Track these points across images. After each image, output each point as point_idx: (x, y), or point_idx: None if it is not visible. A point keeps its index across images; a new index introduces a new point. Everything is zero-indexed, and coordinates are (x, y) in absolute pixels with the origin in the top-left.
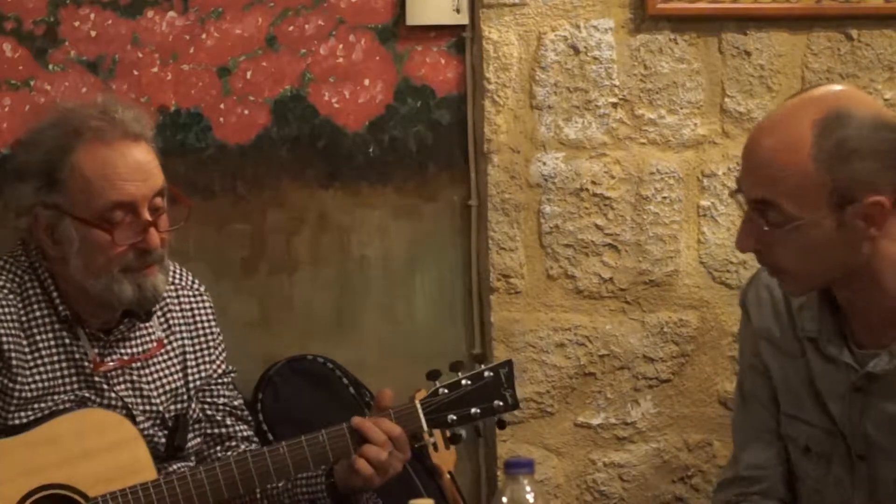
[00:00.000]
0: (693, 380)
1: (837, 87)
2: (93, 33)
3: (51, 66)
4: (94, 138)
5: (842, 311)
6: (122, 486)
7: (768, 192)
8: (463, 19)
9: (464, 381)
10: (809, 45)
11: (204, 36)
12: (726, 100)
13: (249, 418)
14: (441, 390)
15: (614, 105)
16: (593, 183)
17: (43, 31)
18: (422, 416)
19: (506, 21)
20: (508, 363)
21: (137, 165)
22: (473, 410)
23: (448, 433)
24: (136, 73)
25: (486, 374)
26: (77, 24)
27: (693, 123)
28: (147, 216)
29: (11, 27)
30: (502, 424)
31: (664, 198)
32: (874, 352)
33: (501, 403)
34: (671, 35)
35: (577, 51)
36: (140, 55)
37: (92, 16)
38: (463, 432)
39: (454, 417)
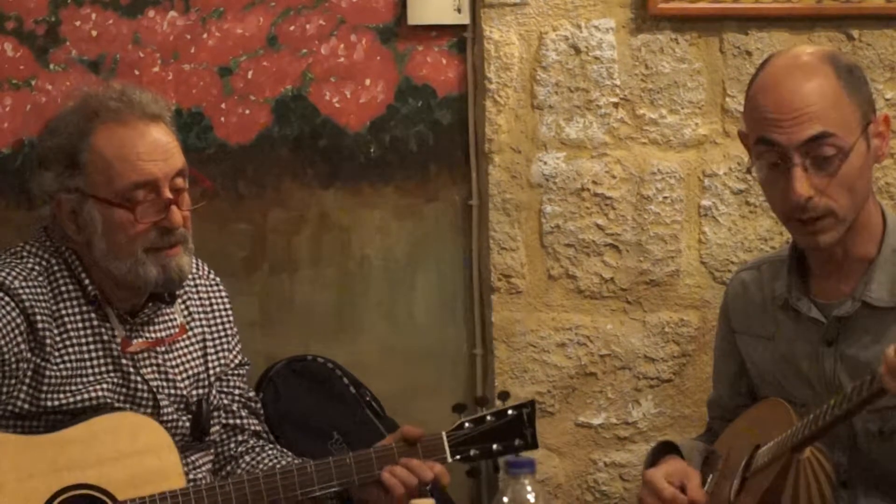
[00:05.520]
0: (694, 380)
1: (807, 45)
2: (94, 33)
3: (52, 66)
4: (112, 120)
5: (809, 272)
6: (150, 492)
7: (823, 125)
8: (464, 19)
9: (488, 418)
10: (811, 44)
11: (205, 35)
12: (727, 100)
13: (261, 412)
14: (466, 424)
15: (615, 105)
16: (594, 183)
17: (44, 30)
18: (447, 447)
19: (507, 21)
20: (531, 403)
21: (156, 145)
22: (495, 447)
23: (468, 466)
24: (137, 72)
25: (509, 412)
26: (78, 23)
27: (694, 123)
28: (168, 194)
29: (12, 27)
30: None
31: (665, 198)
32: (838, 301)
33: (521, 442)
34: (672, 35)
35: (578, 50)
36: (141, 55)
37: (93, 15)
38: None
39: (476, 452)
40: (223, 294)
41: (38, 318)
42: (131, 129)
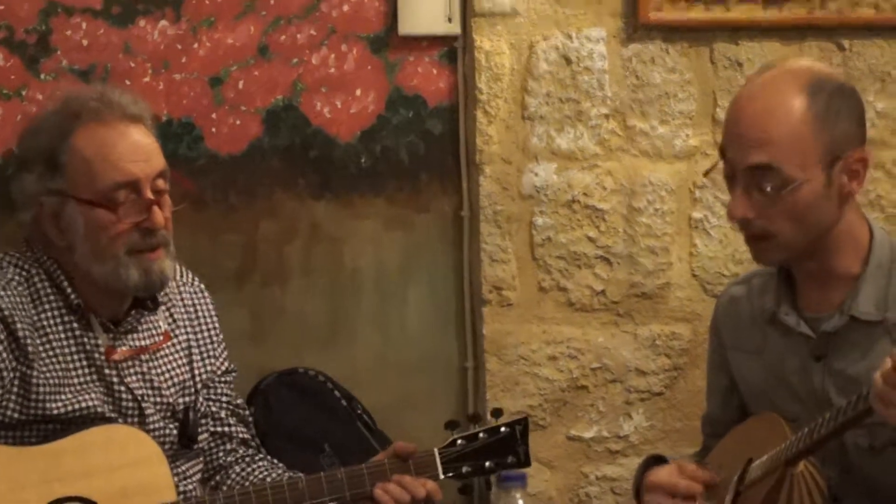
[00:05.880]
0: (685, 393)
1: (806, 60)
2: (84, 42)
3: (43, 76)
4: (92, 120)
5: (796, 286)
6: None
7: (768, 156)
8: (455, 29)
9: (481, 434)
10: (801, 55)
11: (196, 45)
12: (718, 110)
13: (249, 419)
14: (459, 441)
15: (606, 116)
16: (585, 194)
17: (35, 40)
18: (439, 464)
19: (498, 31)
20: (524, 420)
21: (138, 145)
22: (487, 464)
23: (460, 483)
24: (127, 82)
25: (502, 429)
26: (69, 33)
27: (685, 134)
28: (150, 195)
29: (3, 36)
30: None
31: (656, 209)
32: (826, 314)
33: (514, 459)
34: (663, 45)
35: (569, 61)
36: (132, 64)
37: (84, 25)
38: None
39: (468, 469)
40: (208, 301)
41: (18, 326)
42: (112, 130)
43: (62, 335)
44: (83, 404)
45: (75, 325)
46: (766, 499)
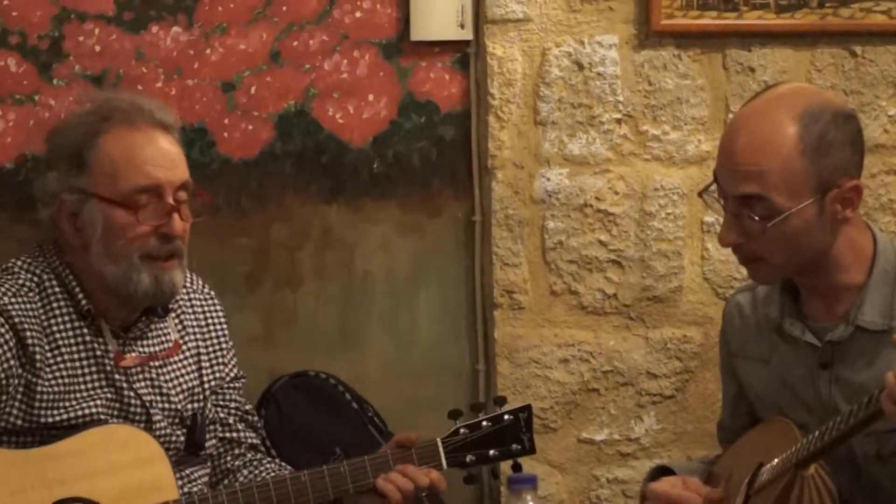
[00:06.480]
0: (696, 396)
1: (800, 85)
2: (97, 48)
3: (55, 81)
4: (122, 122)
5: (800, 295)
6: None
7: (758, 186)
8: (467, 35)
9: (484, 423)
10: (814, 61)
11: (208, 51)
12: (730, 116)
13: (258, 424)
14: (462, 430)
15: (618, 121)
16: (597, 199)
17: (47, 45)
18: (442, 454)
19: (510, 37)
20: (528, 408)
21: (164, 152)
22: (492, 452)
23: (465, 473)
24: (140, 88)
25: (505, 417)
26: (81, 38)
27: (697, 140)
28: (171, 201)
29: (16, 42)
30: (518, 467)
31: (668, 214)
32: (831, 324)
33: (519, 447)
34: (675, 51)
35: (581, 66)
36: (144, 70)
37: (96, 31)
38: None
39: (472, 458)
40: (218, 308)
41: (28, 333)
42: (141, 135)
43: (72, 341)
44: (88, 411)
45: (85, 330)
46: (777, 501)
